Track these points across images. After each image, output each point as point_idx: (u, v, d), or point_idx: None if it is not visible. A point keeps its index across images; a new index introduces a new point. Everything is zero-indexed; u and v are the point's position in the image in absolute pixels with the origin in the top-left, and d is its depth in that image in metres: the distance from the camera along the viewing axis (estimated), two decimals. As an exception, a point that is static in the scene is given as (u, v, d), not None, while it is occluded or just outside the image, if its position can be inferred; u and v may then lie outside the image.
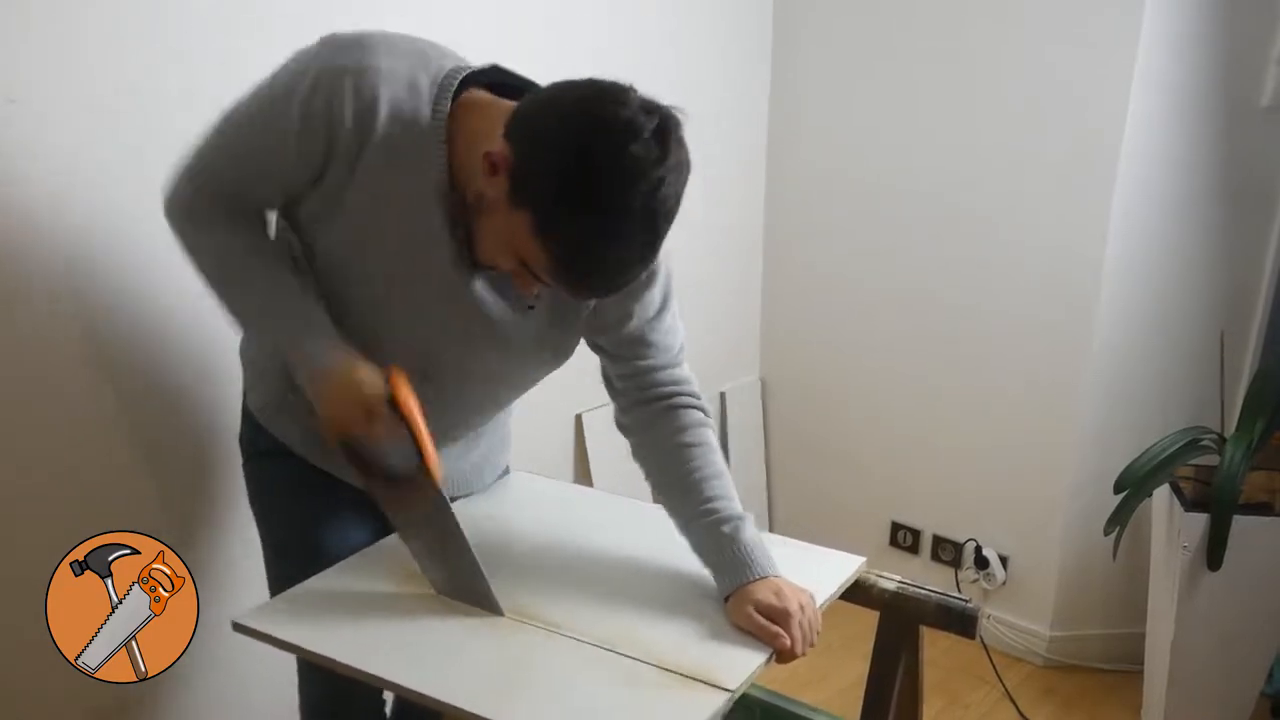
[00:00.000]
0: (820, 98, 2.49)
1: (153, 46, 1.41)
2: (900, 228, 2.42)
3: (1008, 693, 2.29)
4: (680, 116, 0.97)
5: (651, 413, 1.25)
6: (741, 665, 1.08)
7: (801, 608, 1.12)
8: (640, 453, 1.28)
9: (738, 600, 1.14)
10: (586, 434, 2.27)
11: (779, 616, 1.11)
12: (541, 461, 1.59)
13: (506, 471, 1.50)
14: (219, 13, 1.47)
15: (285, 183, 1.11)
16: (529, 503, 1.46)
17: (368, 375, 1.07)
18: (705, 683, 1.04)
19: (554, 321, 1.22)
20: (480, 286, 1.14)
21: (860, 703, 1.36)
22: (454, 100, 1.05)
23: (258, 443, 1.33)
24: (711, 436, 1.25)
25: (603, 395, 1.28)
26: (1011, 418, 2.35)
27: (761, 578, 1.15)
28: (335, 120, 1.03)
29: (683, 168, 0.98)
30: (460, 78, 1.06)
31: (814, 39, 2.47)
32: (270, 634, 1.12)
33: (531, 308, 1.17)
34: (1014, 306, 2.28)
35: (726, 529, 1.18)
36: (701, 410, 1.27)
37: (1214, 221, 2.13)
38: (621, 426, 1.30)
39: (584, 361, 1.31)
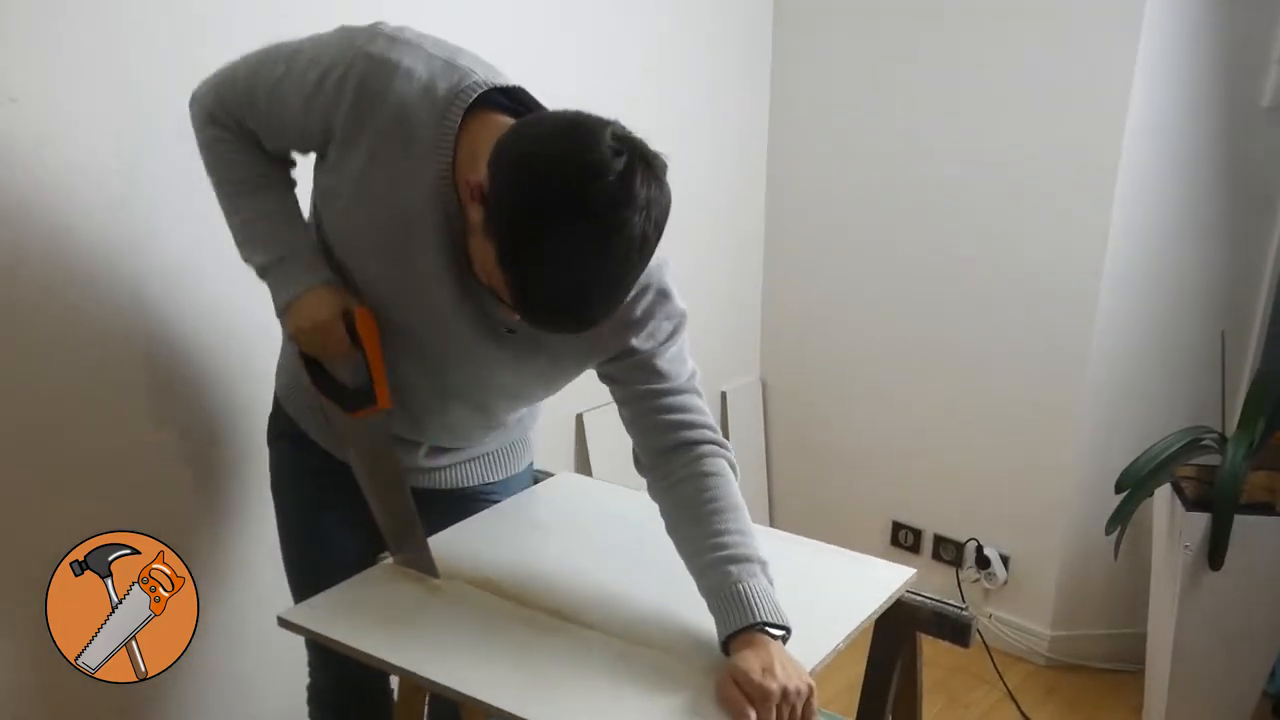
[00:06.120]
0: (820, 99, 2.49)
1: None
2: (900, 227, 2.42)
3: (1009, 692, 2.29)
4: (663, 160, 0.95)
5: (665, 444, 1.17)
6: None
7: (792, 692, 0.98)
8: (654, 490, 1.20)
9: (730, 662, 1.03)
10: (587, 433, 2.27)
11: (755, 694, 0.98)
12: (542, 461, 1.59)
13: (526, 472, 1.49)
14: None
15: (287, 141, 1.17)
16: (566, 503, 1.49)
17: (329, 298, 1.13)
18: None
19: (543, 352, 1.18)
20: (460, 301, 1.12)
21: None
22: (470, 113, 1.05)
23: (276, 425, 1.39)
24: (727, 469, 1.17)
25: (603, 394, 1.27)
26: (1013, 417, 2.34)
27: (755, 627, 1.03)
28: (337, 100, 1.07)
29: (651, 208, 0.93)
30: (478, 93, 1.05)
31: (814, 40, 2.46)
32: (313, 629, 1.14)
33: (511, 331, 1.14)
34: (1015, 306, 2.28)
35: (733, 569, 1.06)
36: (716, 444, 1.18)
37: (1214, 222, 2.13)
38: (637, 463, 1.23)
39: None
